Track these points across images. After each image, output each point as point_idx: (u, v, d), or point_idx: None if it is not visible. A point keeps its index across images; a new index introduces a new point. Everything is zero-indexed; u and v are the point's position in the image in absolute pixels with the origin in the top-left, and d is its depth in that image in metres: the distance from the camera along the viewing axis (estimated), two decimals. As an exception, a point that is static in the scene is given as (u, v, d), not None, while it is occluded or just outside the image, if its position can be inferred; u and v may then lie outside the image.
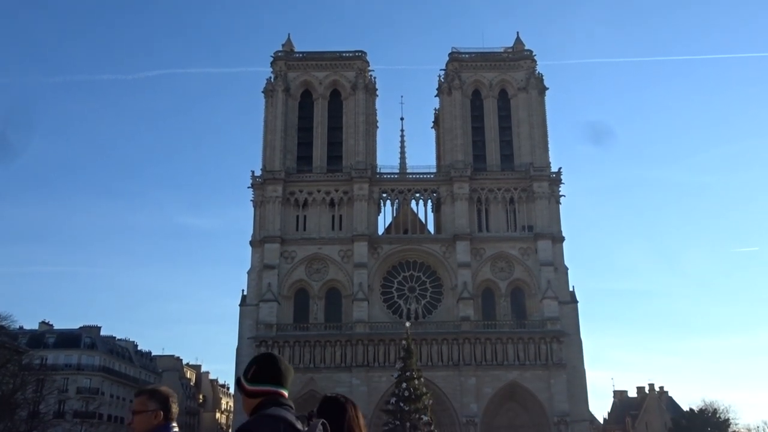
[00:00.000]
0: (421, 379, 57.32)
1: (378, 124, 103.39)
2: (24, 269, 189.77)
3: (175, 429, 5.96)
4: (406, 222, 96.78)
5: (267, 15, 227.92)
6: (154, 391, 6.00)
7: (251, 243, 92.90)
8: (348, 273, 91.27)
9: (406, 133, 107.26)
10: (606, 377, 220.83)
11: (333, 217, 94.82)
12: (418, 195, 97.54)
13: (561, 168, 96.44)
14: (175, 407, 6.00)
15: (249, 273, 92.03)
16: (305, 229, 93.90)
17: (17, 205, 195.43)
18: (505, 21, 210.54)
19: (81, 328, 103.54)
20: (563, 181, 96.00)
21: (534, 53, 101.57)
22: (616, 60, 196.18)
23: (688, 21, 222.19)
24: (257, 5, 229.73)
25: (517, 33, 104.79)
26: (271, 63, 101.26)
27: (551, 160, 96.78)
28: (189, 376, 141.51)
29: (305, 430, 4.64)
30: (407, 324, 68.60)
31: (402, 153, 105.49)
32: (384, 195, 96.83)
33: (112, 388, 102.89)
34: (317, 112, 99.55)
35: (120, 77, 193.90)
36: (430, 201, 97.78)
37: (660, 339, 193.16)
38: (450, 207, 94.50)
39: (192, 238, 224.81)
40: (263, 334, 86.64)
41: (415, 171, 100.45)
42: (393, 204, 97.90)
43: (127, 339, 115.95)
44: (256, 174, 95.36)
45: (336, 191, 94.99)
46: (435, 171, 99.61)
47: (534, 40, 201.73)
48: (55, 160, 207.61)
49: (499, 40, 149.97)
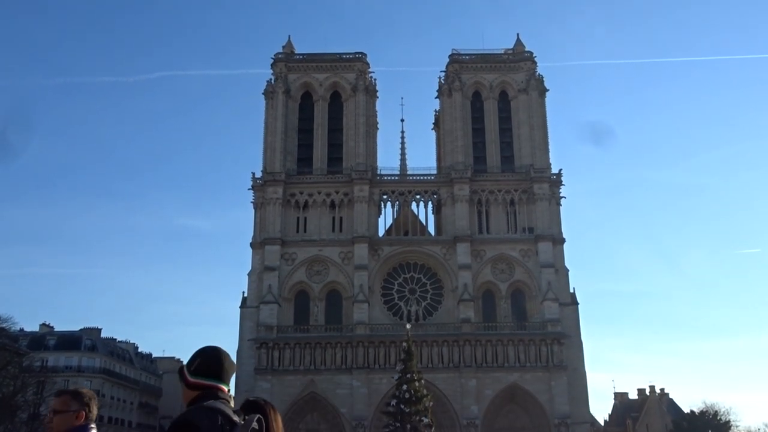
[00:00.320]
0: (422, 381, 57.22)
1: (378, 125, 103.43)
2: (24, 271, 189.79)
3: (93, 430, 5.99)
4: (406, 224, 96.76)
5: (267, 17, 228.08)
6: (76, 392, 6.02)
7: (252, 245, 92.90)
8: (348, 275, 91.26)
9: (406, 135, 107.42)
10: (607, 379, 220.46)
11: (333, 219, 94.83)
12: (418, 197, 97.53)
13: (561, 169, 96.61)
14: (96, 409, 6.05)
15: (249, 275, 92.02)
16: (306, 231, 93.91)
17: (17, 207, 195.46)
18: (506, 22, 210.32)
19: (81, 330, 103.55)
20: (564, 183, 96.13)
21: (534, 55, 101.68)
22: (616, 62, 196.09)
23: (687, 23, 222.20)
24: (257, 7, 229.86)
25: (518, 35, 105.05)
26: (272, 65, 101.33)
27: (552, 161, 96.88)
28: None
29: (242, 422, 4.73)
30: (408, 326, 68.44)
31: (402, 154, 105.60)
32: (384, 197, 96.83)
33: (112, 390, 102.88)
34: (317, 113, 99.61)
35: (120, 79, 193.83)
36: (430, 203, 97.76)
37: (661, 341, 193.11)
38: (450, 209, 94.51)
39: (192, 239, 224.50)
40: (264, 336, 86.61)
41: (416, 173, 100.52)
42: (393, 206, 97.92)
43: (128, 341, 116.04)
44: (256, 176, 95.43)
45: (336, 193, 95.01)
46: (435, 173, 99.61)
47: (534, 41, 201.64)
48: (56, 161, 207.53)
49: (500, 41, 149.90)
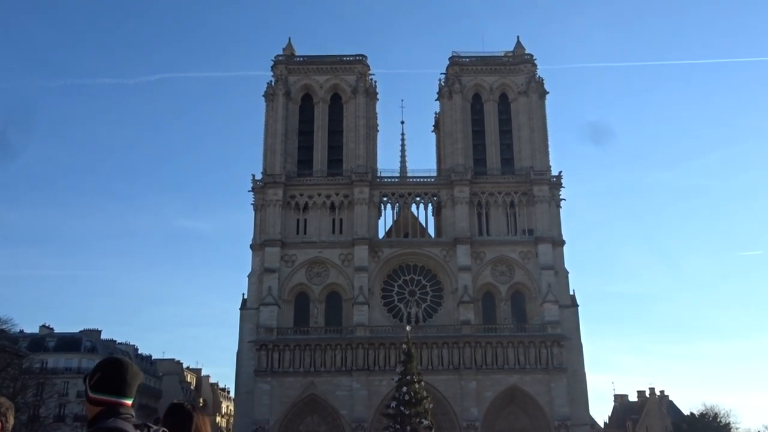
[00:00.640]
0: (422, 383, 57.21)
1: (378, 127, 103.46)
2: (24, 272, 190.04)
3: None
4: (406, 225, 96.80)
5: (267, 19, 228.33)
6: None
7: (252, 246, 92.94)
8: (348, 276, 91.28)
9: (406, 137, 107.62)
10: (606, 381, 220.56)
11: (333, 221, 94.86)
12: (418, 198, 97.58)
13: (561, 172, 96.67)
14: (12, 419, 5.95)
15: (249, 276, 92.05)
16: (306, 233, 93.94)
17: (17, 209, 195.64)
18: (506, 25, 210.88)
19: (81, 331, 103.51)
20: (564, 185, 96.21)
21: (534, 57, 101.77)
22: (616, 64, 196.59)
23: (687, 25, 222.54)
24: (258, 9, 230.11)
25: (518, 37, 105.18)
26: (272, 67, 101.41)
27: (552, 163, 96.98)
28: (189, 379, 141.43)
29: None
30: (408, 328, 68.46)
31: (402, 156, 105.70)
32: (384, 198, 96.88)
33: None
34: (318, 115, 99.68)
35: (121, 81, 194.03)
36: (430, 204, 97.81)
37: (661, 342, 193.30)
38: (450, 211, 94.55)
39: (192, 241, 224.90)
40: (263, 337, 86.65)
41: (416, 175, 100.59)
42: (393, 207, 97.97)
43: (128, 343, 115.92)
44: (256, 177, 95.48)
45: (336, 195, 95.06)
46: (435, 175, 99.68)
47: (534, 44, 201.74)
48: (56, 163, 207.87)
49: (500, 44, 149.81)
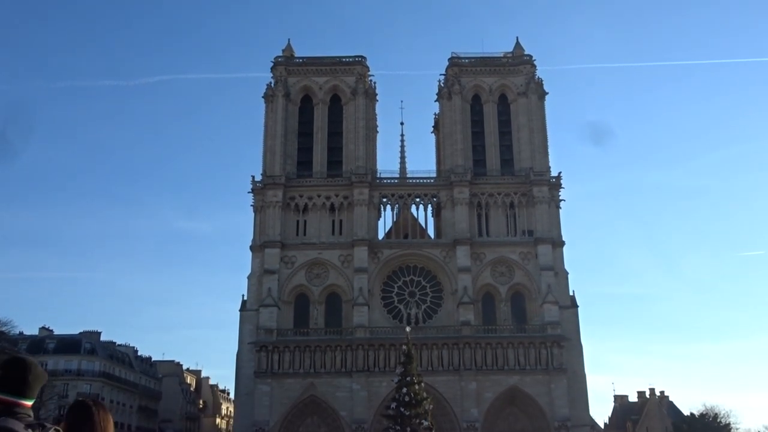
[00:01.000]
0: (422, 384, 57.14)
1: (378, 128, 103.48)
2: (24, 274, 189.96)
3: None
4: (406, 227, 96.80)
5: (267, 20, 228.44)
6: None
7: (251, 248, 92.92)
8: (348, 278, 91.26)
9: (406, 138, 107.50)
10: (606, 382, 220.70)
11: (333, 222, 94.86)
12: (418, 200, 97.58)
13: (561, 172, 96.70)
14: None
15: (249, 278, 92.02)
16: (305, 234, 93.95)
17: (17, 210, 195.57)
18: (505, 26, 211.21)
19: (81, 333, 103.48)
20: (563, 186, 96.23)
21: (534, 58, 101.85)
22: (615, 65, 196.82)
23: (686, 26, 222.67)
24: (257, 11, 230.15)
25: (517, 38, 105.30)
26: (271, 68, 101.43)
27: (551, 164, 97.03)
28: (189, 381, 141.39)
29: None
30: (407, 329, 68.34)
31: (402, 158, 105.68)
32: (384, 200, 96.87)
33: (112, 393, 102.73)
34: (317, 117, 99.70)
35: (121, 83, 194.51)
36: (430, 206, 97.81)
37: (661, 343, 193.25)
38: (450, 212, 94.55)
39: (192, 243, 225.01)
40: (263, 339, 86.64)
41: (415, 176, 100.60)
42: (393, 209, 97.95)
43: (127, 344, 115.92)
44: (256, 179, 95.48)
45: (336, 196, 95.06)
46: (435, 176, 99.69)
47: (534, 45, 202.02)
48: (56, 165, 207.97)
49: (499, 45, 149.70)
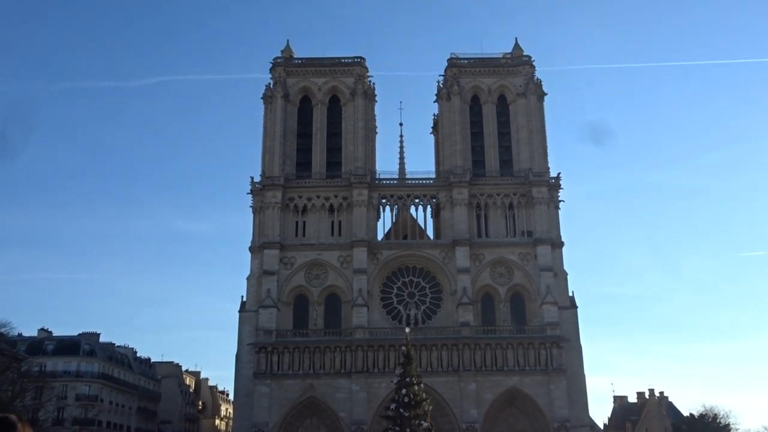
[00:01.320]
0: (421, 385, 57.09)
1: (377, 129, 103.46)
2: (23, 276, 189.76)
3: None
4: (405, 227, 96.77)
5: (266, 21, 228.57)
6: None
7: (250, 249, 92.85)
8: (347, 279, 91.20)
9: (405, 139, 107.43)
10: (606, 382, 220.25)
11: (332, 223, 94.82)
12: (417, 200, 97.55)
13: (560, 173, 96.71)
14: None
15: (248, 279, 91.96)
16: (304, 235, 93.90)
17: (16, 211, 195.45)
18: (504, 27, 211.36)
19: (80, 334, 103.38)
20: (562, 186, 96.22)
21: (532, 59, 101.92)
22: (614, 66, 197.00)
23: (685, 26, 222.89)
24: (256, 12, 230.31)
25: (516, 39, 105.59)
26: (270, 69, 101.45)
27: (550, 165, 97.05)
28: (188, 382, 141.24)
29: None
30: (407, 330, 68.26)
31: (401, 159, 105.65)
32: (383, 201, 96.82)
33: (111, 395, 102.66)
34: (316, 118, 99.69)
35: (120, 84, 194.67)
36: (429, 206, 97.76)
37: (660, 344, 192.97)
38: (449, 212, 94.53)
39: (191, 244, 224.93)
40: (263, 340, 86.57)
41: (415, 176, 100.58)
42: (392, 210, 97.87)
43: (126, 346, 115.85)
44: (255, 180, 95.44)
45: (335, 197, 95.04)
46: (434, 176, 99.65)
47: (533, 45, 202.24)
48: (55, 165, 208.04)
49: (498, 45, 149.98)
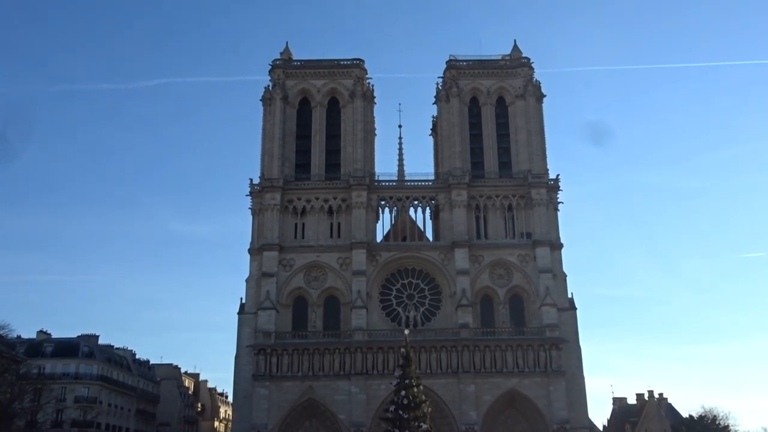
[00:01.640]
0: (420, 387, 56.94)
1: (376, 131, 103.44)
2: (22, 278, 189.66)
3: None
4: (404, 229, 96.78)
5: (265, 23, 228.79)
6: None
7: (249, 251, 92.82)
8: (346, 280, 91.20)
9: (404, 141, 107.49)
10: (605, 384, 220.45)
11: (331, 225, 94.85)
12: (416, 202, 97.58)
13: (559, 175, 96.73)
14: None
15: (247, 281, 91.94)
16: (303, 237, 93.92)
17: (15, 213, 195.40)
18: (503, 29, 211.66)
19: (79, 336, 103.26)
20: (561, 188, 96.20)
21: (531, 61, 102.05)
22: (613, 67, 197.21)
23: (684, 28, 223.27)
24: (255, 14, 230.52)
25: (515, 41, 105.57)
26: (269, 71, 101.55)
27: (549, 166, 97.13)
28: (187, 384, 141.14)
29: None
30: (406, 331, 67.97)
31: (400, 160, 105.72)
32: (382, 202, 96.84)
33: (110, 397, 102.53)
34: (315, 119, 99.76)
35: (120, 86, 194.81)
36: (428, 208, 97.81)
37: (659, 345, 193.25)
38: (448, 214, 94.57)
39: (190, 246, 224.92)
40: (262, 342, 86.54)
41: (414, 178, 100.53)
42: (391, 211, 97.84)
43: (126, 348, 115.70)
44: (254, 182, 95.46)
45: (334, 199, 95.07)
46: (433, 178, 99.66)
47: (531, 47, 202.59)
48: (54, 167, 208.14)
49: (497, 47, 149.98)
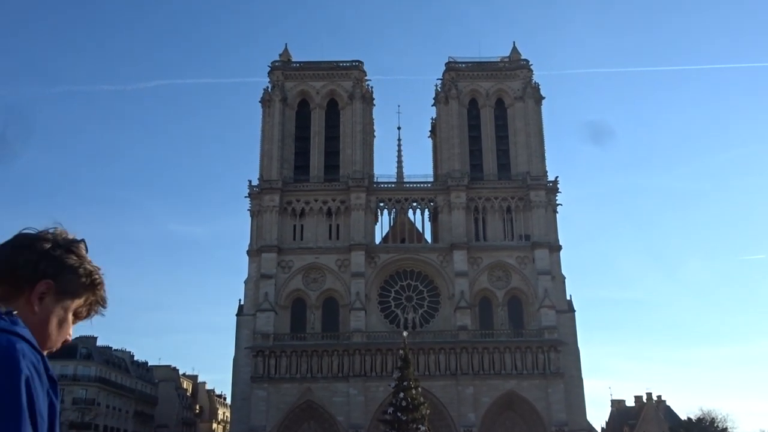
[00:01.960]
0: (419, 389, 57.04)
1: (375, 133, 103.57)
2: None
3: None
4: (403, 231, 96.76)
5: (264, 25, 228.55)
6: None
7: (248, 252, 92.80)
8: (345, 282, 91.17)
9: (403, 143, 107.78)
10: (604, 386, 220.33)
11: (330, 227, 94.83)
12: (415, 204, 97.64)
13: (558, 177, 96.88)
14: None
15: (246, 282, 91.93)
16: (302, 239, 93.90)
17: (14, 214, 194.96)
18: (502, 31, 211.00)
19: (77, 338, 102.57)
20: (560, 190, 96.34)
21: (530, 63, 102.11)
22: (612, 70, 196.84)
23: (684, 30, 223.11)
24: (254, 15, 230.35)
25: (514, 43, 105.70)
26: (269, 73, 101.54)
27: (548, 168, 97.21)
28: (185, 386, 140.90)
29: None
30: (405, 333, 68.17)
31: (399, 162, 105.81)
32: (381, 204, 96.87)
33: (108, 398, 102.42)
34: (314, 121, 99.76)
35: (118, 88, 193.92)
36: (427, 210, 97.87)
37: (658, 348, 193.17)
38: (447, 216, 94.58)
39: (189, 247, 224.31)
40: (260, 344, 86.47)
41: (412, 180, 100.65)
42: (390, 213, 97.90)
43: (124, 349, 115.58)
44: (253, 183, 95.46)
45: (333, 200, 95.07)
46: (432, 180, 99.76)
47: (530, 49, 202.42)
48: (53, 169, 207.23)
49: (496, 49, 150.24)
